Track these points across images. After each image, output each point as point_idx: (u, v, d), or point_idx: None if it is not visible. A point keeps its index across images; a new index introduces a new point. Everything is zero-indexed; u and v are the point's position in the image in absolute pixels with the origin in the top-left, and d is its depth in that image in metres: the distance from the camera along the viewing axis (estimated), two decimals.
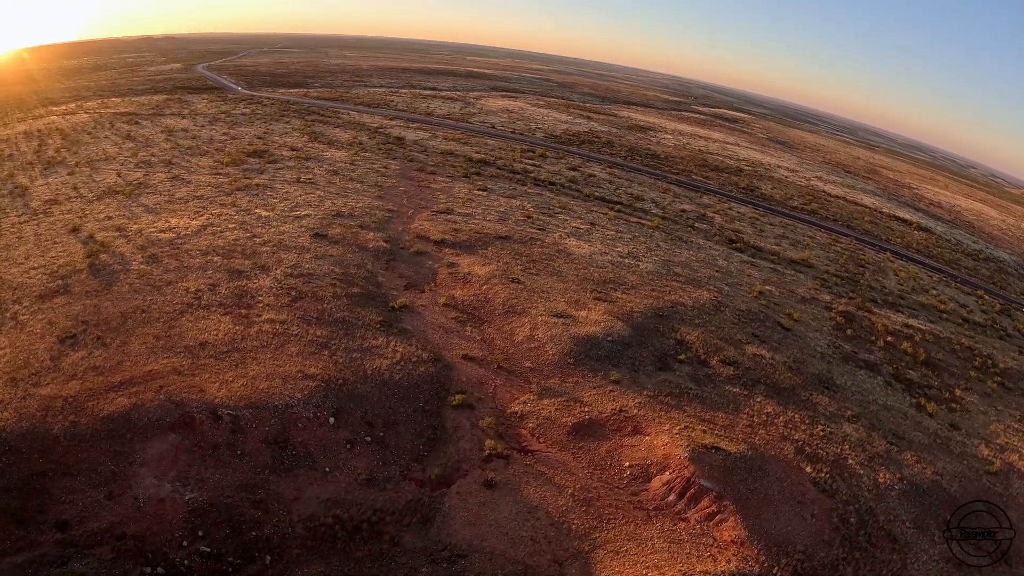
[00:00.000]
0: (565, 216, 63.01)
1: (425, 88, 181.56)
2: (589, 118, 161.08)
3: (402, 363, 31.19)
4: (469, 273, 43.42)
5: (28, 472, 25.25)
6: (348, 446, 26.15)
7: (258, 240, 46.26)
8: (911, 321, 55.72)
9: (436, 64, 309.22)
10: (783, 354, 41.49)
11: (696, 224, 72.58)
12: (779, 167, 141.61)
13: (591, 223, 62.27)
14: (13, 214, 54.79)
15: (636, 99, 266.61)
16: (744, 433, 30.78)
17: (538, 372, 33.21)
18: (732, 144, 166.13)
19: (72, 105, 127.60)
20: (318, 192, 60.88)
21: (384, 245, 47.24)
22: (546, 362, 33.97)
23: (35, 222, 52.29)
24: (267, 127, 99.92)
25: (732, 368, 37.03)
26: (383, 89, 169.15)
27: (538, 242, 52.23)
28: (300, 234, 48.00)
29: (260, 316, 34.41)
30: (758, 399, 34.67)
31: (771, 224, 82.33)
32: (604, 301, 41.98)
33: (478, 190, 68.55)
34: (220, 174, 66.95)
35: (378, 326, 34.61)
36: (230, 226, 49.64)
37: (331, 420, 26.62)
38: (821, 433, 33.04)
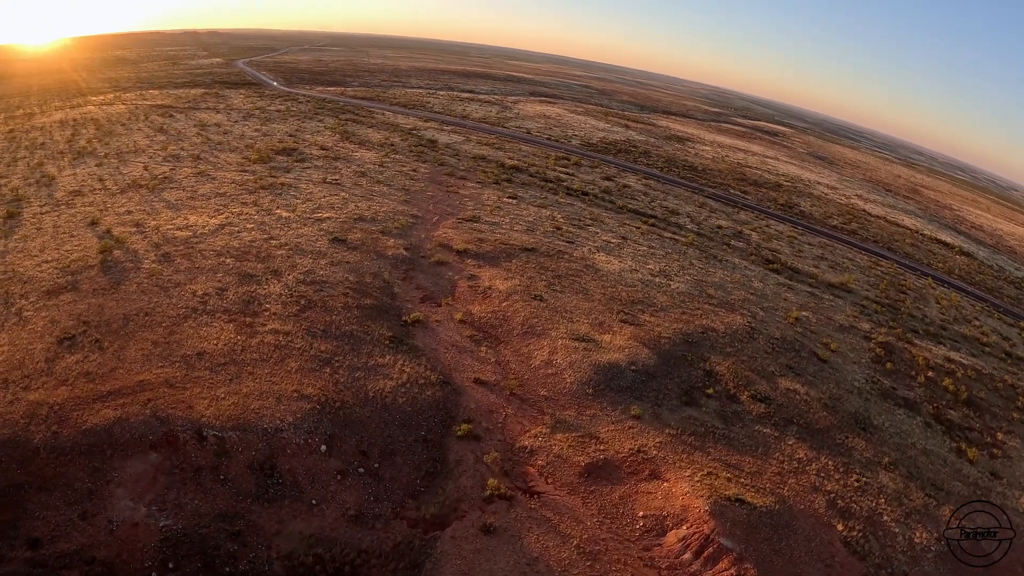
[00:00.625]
0: (596, 229, 60.50)
1: (463, 91, 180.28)
2: (627, 127, 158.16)
3: (407, 385, 29.05)
4: (490, 287, 41.18)
5: (5, 483, 23.78)
6: (339, 477, 24.08)
7: (274, 243, 44.68)
8: (953, 355, 52.11)
9: (475, 67, 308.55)
10: (818, 389, 38.52)
11: (732, 242, 69.52)
12: (819, 183, 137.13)
13: (623, 237, 59.67)
14: (36, 204, 54.28)
15: (675, 109, 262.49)
16: (772, 482, 28.01)
17: (553, 402, 30.77)
18: (771, 158, 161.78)
19: (110, 95, 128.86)
20: (342, 194, 59.30)
21: (404, 253, 45.30)
22: (563, 391, 31.52)
23: (56, 213, 51.61)
24: (300, 125, 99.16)
25: (763, 405, 34.22)
26: (420, 90, 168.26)
27: (565, 256, 49.83)
28: (318, 238, 46.32)
29: (264, 326, 32.63)
30: (790, 442, 31.83)
31: (810, 244, 78.81)
32: (630, 324, 39.39)
33: (508, 198, 66.42)
34: (246, 171, 65.88)
35: (387, 342, 32.57)
36: (248, 226, 48.21)
37: (323, 448, 24.59)
38: (856, 483, 30.11)
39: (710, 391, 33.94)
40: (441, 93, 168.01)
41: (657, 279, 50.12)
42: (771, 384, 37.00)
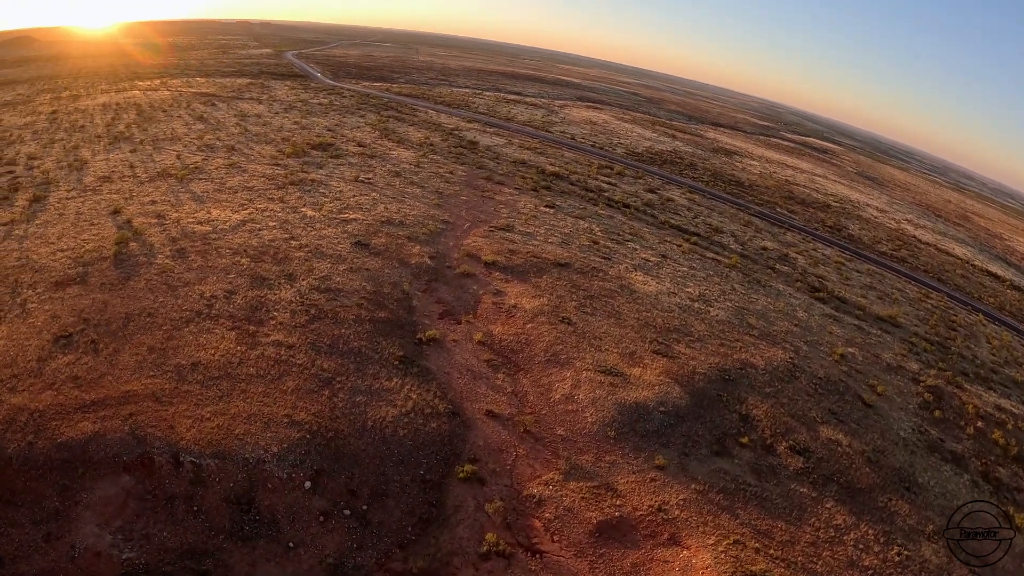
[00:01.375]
0: (635, 245, 57.40)
1: (510, 92, 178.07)
2: (674, 137, 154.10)
3: (412, 415, 26.51)
4: (515, 305, 38.44)
5: None
6: (322, 519, 21.65)
7: (294, 243, 42.72)
8: (1003, 402, 47.73)
9: (524, 69, 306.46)
10: (862, 440, 34.92)
11: (777, 265, 65.70)
12: (868, 205, 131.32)
13: (662, 255, 56.46)
14: (64, 188, 53.60)
15: (724, 121, 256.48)
16: (805, 554, 24.69)
17: (570, 443, 27.85)
18: (820, 176, 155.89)
19: (157, 81, 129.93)
20: (373, 194, 57.29)
21: (428, 262, 42.88)
22: (582, 431, 28.59)
23: (81, 199, 50.77)
24: (340, 119, 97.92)
25: (802, 459, 30.83)
26: (467, 90, 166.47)
27: (600, 274, 46.88)
28: (341, 240, 44.25)
29: (268, 336, 30.50)
30: (828, 504, 28.42)
31: (858, 271, 74.38)
32: (664, 356, 36.28)
33: (545, 206, 63.69)
34: (278, 165, 64.45)
35: (396, 363, 30.11)
36: (270, 224, 46.43)
37: (308, 484, 22.20)
38: (896, 558, 26.59)
39: (745, 440, 30.70)
40: (488, 94, 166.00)
41: (696, 304, 46.89)
42: (812, 433, 33.58)
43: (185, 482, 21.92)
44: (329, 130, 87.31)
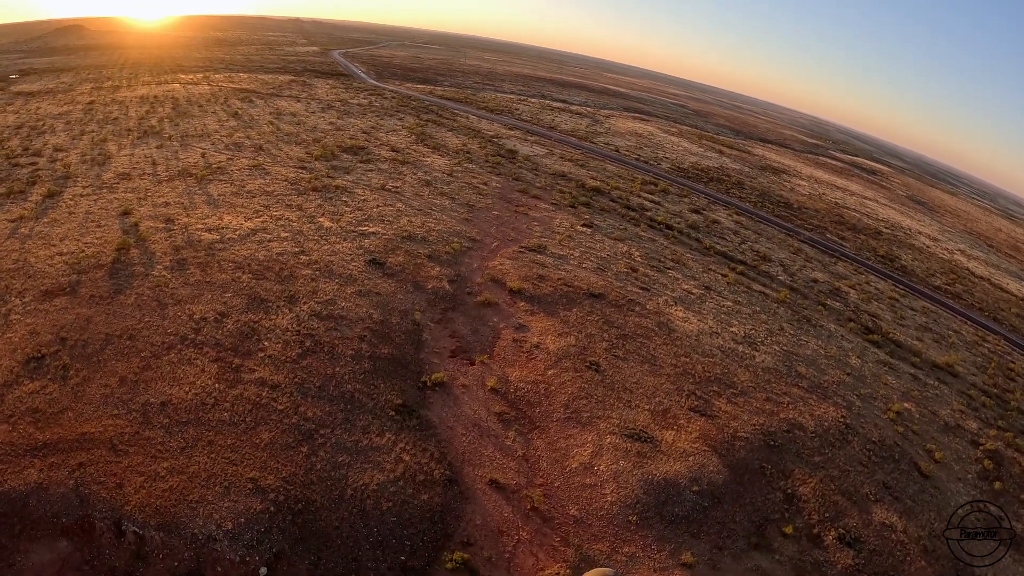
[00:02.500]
0: (677, 274, 52.94)
1: (555, 100, 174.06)
2: (721, 152, 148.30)
3: (401, 482, 22.76)
4: (538, 345, 34.41)
5: None
6: None
7: (303, 259, 39.47)
8: None
9: (572, 77, 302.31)
10: (917, 522, 30.09)
11: (828, 301, 60.50)
12: (920, 233, 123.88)
13: (706, 287, 51.92)
14: (82, 183, 51.68)
15: (772, 137, 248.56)
16: None
17: (584, 527, 23.69)
18: (871, 200, 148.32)
19: (199, 75, 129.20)
20: (398, 204, 53.94)
21: (446, 287, 39.19)
22: (599, 512, 24.40)
23: (95, 197, 48.76)
24: (377, 121, 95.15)
25: (852, 552, 26.18)
26: (512, 96, 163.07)
27: (637, 308, 42.65)
28: (354, 257, 40.87)
29: (252, 373, 27.11)
30: None
31: (912, 309, 68.56)
32: (701, 415, 31.92)
33: (582, 225, 59.59)
34: (304, 168, 61.63)
35: (393, 412, 26.42)
36: (282, 235, 43.35)
37: (263, 570, 18.58)
38: None
39: (788, 529, 26.17)
40: (532, 100, 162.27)
41: (740, 347, 42.35)
42: (864, 515, 28.88)
43: (126, 555, 18.55)
44: (364, 132, 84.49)
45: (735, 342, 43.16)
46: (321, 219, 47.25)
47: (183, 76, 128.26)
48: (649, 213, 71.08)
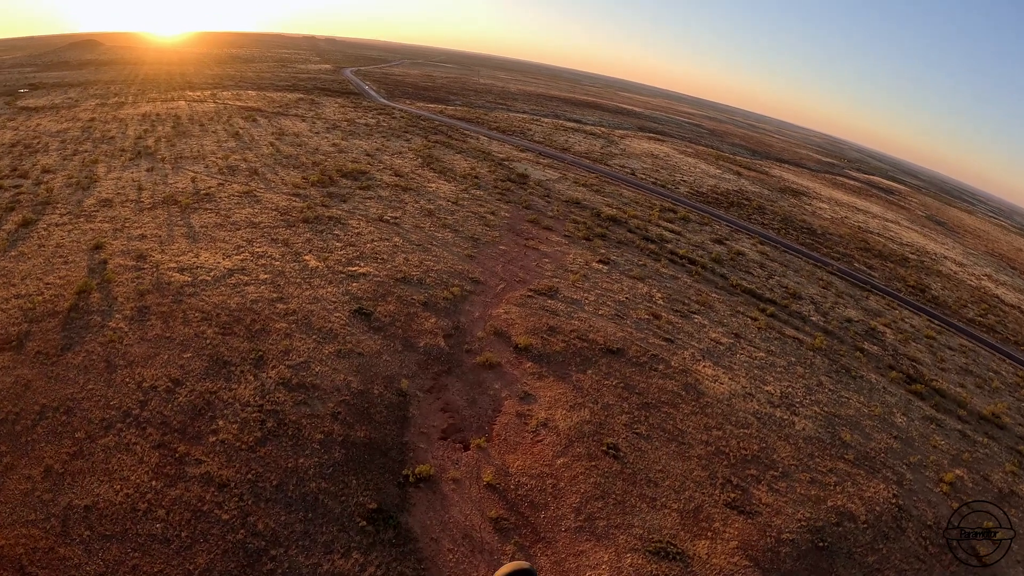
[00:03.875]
0: (703, 319, 47.55)
1: (569, 120, 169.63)
2: (739, 174, 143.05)
3: None
4: (546, 422, 28.99)
5: None
6: None
7: (280, 307, 34.49)
8: None
9: (586, 96, 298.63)
10: None
11: (865, 344, 54.90)
12: (945, 258, 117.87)
13: (735, 335, 46.52)
14: (60, 211, 47.69)
15: (788, 156, 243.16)
16: None
17: None
18: (892, 222, 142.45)
19: (207, 92, 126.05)
20: (395, 239, 49.02)
21: (442, 344, 33.98)
22: None
23: (70, 227, 44.63)
24: (383, 143, 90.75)
25: None
26: (524, 115, 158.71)
27: (661, 365, 37.28)
28: (339, 306, 35.84)
29: (199, 466, 22.08)
30: None
31: (950, 348, 62.79)
32: (740, 512, 26.43)
33: (598, 262, 54.36)
34: (297, 195, 56.98)
35: (364, 523, 21.14)
36: (262, 276, 38.44)
37: None
38: None
39: None
40: (546, 120, 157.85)
41: (778, 412, 36.89)
42: None
43: None
44: (367, 155, 79.97)
45: (771, 405, 37.72)
46: (307, 257, 42.36)
47: (190, 93, 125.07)
48: (670, 245, 65.81)
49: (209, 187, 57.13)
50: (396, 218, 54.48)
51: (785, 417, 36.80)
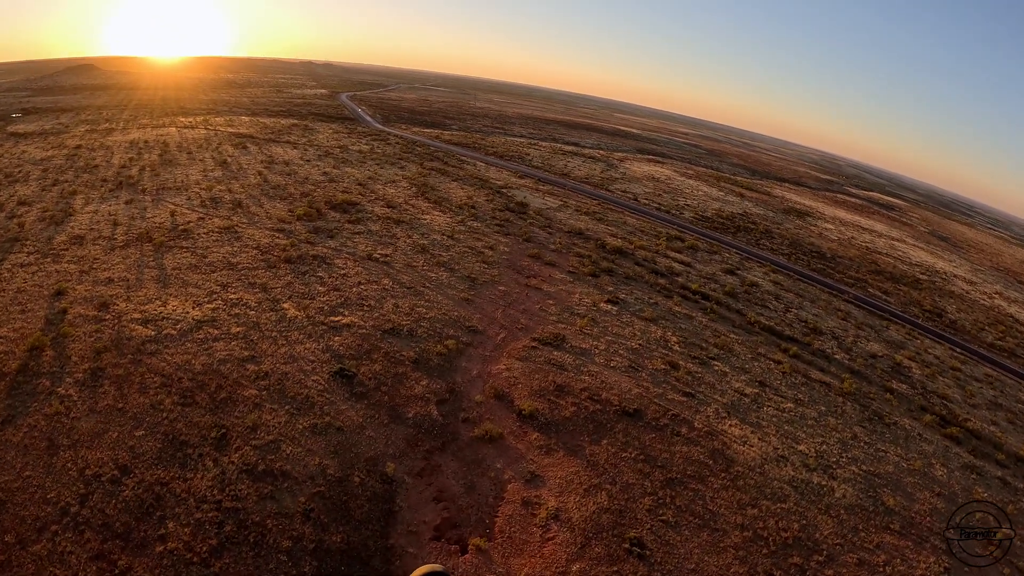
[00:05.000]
0: (724, 366, 43.46)
1: (567, 143, 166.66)
2: (742, 196, 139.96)
3: None
4: (557, 513, 24.60)
5: None
6: None
7: (251, 369, 30.41)
8: None
9: (582, 118, 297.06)
10: None
11: (893, 383, 50.91)
12: (955, 276, 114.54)
13: (760, 382, 42.45)
14: (29, 248, 44.63)
15: (787, 175, 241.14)
16: None
17: None
18: (898, 240, 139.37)
19: (198, 118, 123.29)
20: (384, 281, 45.06)
21: (434, 414, 29.77)
22: None
23: (35, 267, 41.35)
24: (376, 171, 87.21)
25: None
26: (522, 139, 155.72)
27: (683, 428, 33.13)
28: (317, 366, 31.76)
29: None
30: None
31: (976, 379, 58.89)
32: None
33: (607, 302, 50.32)
34: (282, 231, 53.18)
35: None
36: (234, 329, 34.40)
37: None
38: None
39: None
40: (543, 144, 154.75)
41: (815, 477, 32.77)
42: None
43: None
44: (359, 184, 76.31)
45: (807, 468, 33.59)
46: (286, 305, 38.34)
47: (182, 119, 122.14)
48: (680, 279, 61.89)
49: (188, 222, 53.36)
50: (386, 256, 50.57)
51: (823, 483, 32.71)
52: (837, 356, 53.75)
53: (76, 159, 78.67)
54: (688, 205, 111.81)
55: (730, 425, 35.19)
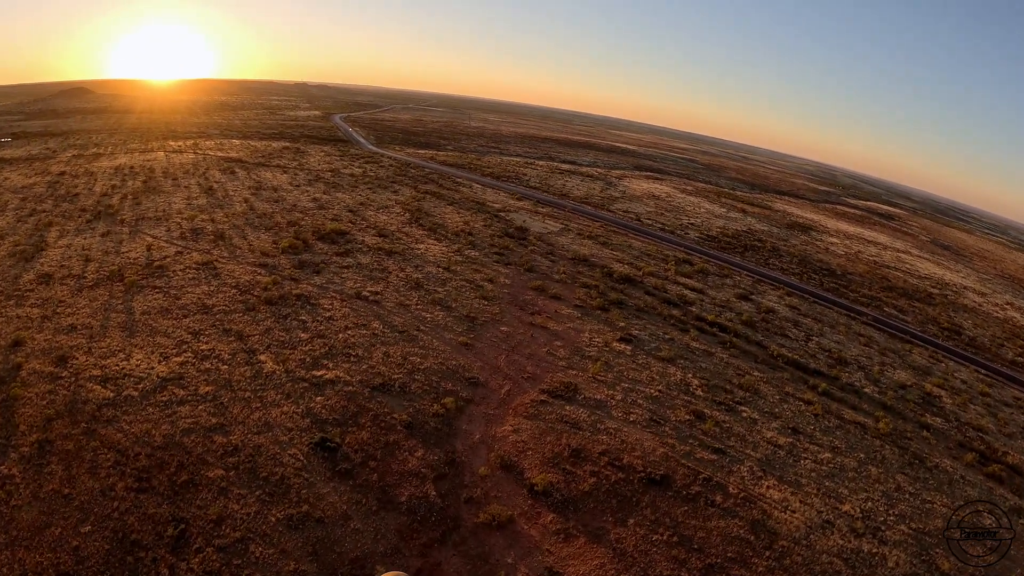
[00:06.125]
0: (752, 411, 39.35)
1: (564, 161, 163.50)
2: (744, 211, 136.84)
3: None
4: None
5: None
6: None
7: (219, 442, 26.33)
8: None
9: (578, 136, 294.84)
10: None
11: (927, 418, 46.96)
12: (965, 288, 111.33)
13: (793, 429, 38.38)
14: None
15: (785, 187, 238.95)
16: None
17: None
18: (903, 252, 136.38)
19: (188, 142, 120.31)
20: (375, 324, 41.04)
21: (432, 496, 25.54)
22: None
23: None
24: (369, 196, 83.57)
25: None
26: (518, 159, 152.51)
27: (718, 496, 29.02)
28: (296, 435, 27.67)
29: None
30: None
31: (1007, 405, 55.00)
32: None
33: (619, 341, 46.24)
34: (265, 265, 49.30)
35: None
36: (202, 390, 30.37)
37: None
38: None
39: None
40: (540, 163, 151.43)
41: (864, 544, 28.74)
42: None
43: None
44: (349, 211, 72.53)
45: (855, 534, 29.52)
46: (263, 357, 34.27)
47: (172, 143, 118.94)
48: (694, 308, 57.92)
49: (165, 256, 49.56)
50: (377, 293, 46.60)
51: (874, 550, 28.69)
52: (867, 390, 49.88)
53: (57, 187, 75.14)
54: (692, 224, 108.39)
55: (767, 487, 31.08)
